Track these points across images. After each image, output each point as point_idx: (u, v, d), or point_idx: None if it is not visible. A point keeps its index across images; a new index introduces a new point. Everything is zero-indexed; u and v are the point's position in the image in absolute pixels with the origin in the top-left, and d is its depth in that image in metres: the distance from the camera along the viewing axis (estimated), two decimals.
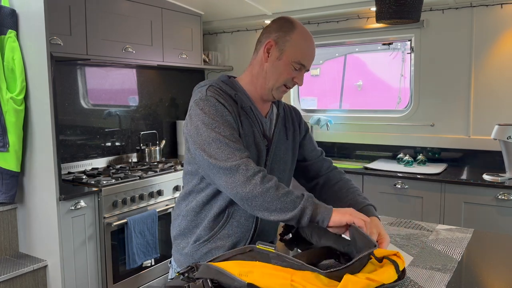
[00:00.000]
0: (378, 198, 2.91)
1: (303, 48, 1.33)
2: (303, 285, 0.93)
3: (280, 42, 1.32)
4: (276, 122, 1.43)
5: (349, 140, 3.61)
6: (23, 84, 2.44)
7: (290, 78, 1.35)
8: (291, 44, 1.32)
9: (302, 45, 1.33)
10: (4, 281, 2.32)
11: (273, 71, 1.34)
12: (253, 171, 1.16)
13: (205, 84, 1.36)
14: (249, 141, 1.31)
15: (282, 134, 1.43)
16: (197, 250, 1.35)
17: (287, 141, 1.45)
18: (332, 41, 3.61)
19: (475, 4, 2.96)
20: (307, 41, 1.34)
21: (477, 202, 2.58)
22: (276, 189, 1.14)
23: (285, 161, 1.44)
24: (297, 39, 1.32)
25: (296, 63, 1.32)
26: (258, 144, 1.34)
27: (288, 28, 1.33)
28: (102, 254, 2.63)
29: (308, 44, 1.34)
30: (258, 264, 1.02)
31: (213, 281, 1.00)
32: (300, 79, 1.37)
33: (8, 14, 2.41)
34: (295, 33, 1.32)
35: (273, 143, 1.39)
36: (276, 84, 1.34)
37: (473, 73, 3.04)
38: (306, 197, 1.14)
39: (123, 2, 3.00)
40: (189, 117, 1.29)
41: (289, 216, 1.13)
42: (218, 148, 1.20)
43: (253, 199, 1.15)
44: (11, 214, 2.61)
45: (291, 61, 1.32)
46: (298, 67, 1.33)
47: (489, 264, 1.28)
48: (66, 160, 3.02)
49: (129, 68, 3.48)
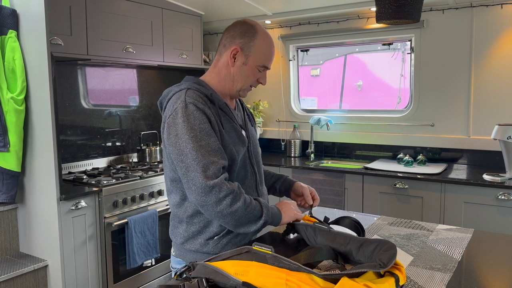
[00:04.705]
0: (378, 198, 2.92)
1: (266, 52, 1.43)
2: (298, 284, 0.94)
3: (245, 48, 1.41)
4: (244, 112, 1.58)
5: (349, 140, 3.61)
6: (24, 84, 2.45)
7: (255, 79, 1.47)
8: (255, 49, 1.42)
9: (265, 49, 1.43)
10: (5, 281, 2.32)
11: (240, 75, 1.44)
12: (225, 194, 1.27)
13: (180, 88, 1.39)
14: (233, 136, 1.42)
15: (249, 123, 1.59)
16: (217, 244, 1.41)
17: (252, 128, 1.61)
18: (332, 41, 3.61)
19: (475, 4, 2.97)
20: (269, 44, 1.45)
21: (477, 202, 2.59)
22: (244, 209, 1.29)
23: (257, 144, 1.61)
24: (260, 44, 1.42)
25: (261, 66, 1.44)
26: (241, 135, 1.45)
27: (252, 34, 1.42)
28: (103, 254, 2.64)
29: (270, 47, 1.45)
30: (254, 264, 1.03)
31: (209, 281, 1.00)
32: (264, 79, 1.49)
33: (8, 14, 2.41)
34: (258, 39, 1.42)
35: (248, 131, 1.53)
36: (244, 86, 1.46)
37: (473, 73, 3.04)
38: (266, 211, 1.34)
39: (124, 2, 3.00)
40: (167, 125, 1.33)
41: (253, 229, 1.34)
42: (194, 159, 1.27)
43: (222, 217, 1.29)
44: (11, 214, 2.61)
45: (256, 65, 1.43)
46: (262, 69, 1.45)
47: (489, 264, 1.28)
48: (67, 160, 3.03)
49: (130, 68, 3.48)
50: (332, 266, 1.22)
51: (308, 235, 1.36)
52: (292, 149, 3.76)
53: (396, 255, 1.03)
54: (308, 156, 3.67)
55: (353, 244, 1.18)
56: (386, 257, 1.01)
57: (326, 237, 1.27)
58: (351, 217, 1.47)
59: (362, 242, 1.16)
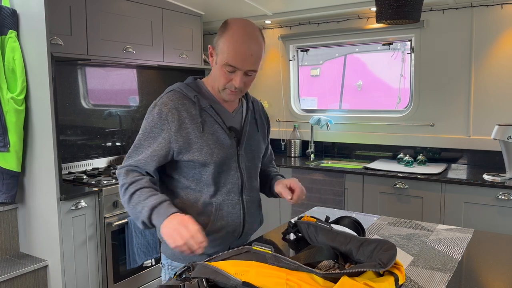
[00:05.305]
0: (378, 198, 2.92)
1: (230, 50, 1.28)
2: (298, 284, 0.94)
3: (216, 46, 1.34)
4: (246, 115, 1.49)
5: (349, 140, 3.61)
6: (24, 84, 2.45)
7: (228, 81, 1.33)
8: (221, 47, 1.31)
9: (230, 47, 1.28)
10: (5, 281, 2.32)
11: (215, 75, 1.37)
12: (121, 183, 1.34)
13: (168, 90, 1.42)
14: (213, 137, 1.37)
15: (253, 126, 1.51)
16: None
17: (258, 133, 1.53)
18: (332, 41, 3.61)
19: (475, 4, 2.97)
20: (237, 42, 1.28)
21: (477, 202, 2.58)
22: (128, 202, 1.31)
23: (256, 151, 1.51)
24: (225, 42, 1.30)
25: (226, 65, 1.30)
26: (223, 138, 1.39)
27: (221, 31, 1.33)
28: (103, 254, 2.64)
29: (238, 45, 1.28)
30: (254, 263, 1.03)
31: (209, 281, 1.00)
32: (237, 80, 1.32)
33: (8, 14, 2.41)
34: (225, 36, 1.30)
35: (243, 135, 1.45)
36: (220, 87, 1.36)
37: (473, 73, 3.04)
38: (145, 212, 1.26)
39: (124, 2, 3.00)
40: None
41: (140, 226, 1.31)
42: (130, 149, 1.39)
43: None
44: (11, 214, 2.61)
45: (221, 64, 1.31)
46: (230, 69, 1.30)
47: (489, 264, 1.28)
48: (67, 160, 3.02)
49: (130, 68, 3.48)
50: (332, 266, 1.22)
51: (310, 234, 1.36)
52: (292, 149, 3.76)
53: (396, 255, 1.03)
54: (308, 156, 3.67)
55: (354, 244, 1.18)
56: (386, 257, 1.02)
57: (327, 236, 1.27)
58: (351, 217, 1.47)
59: (362, 241, 1.16)
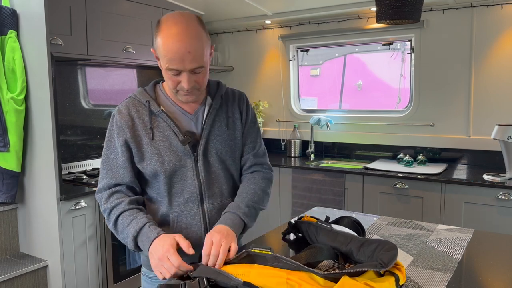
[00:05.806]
0: (378, 198, 2.92)
1: (166, 53, 1.18)
2: (299, 283, 0.94)
3: (156, 49, 1.23)
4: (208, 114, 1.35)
5: (349, 140, 3.61)
6: (24, 84, 2.45)
7: (177, 83, 1.24)
8: (159, 51, 1.20)
9: (165, 49, 1.18)
10: (5, 281, 2.32)
11: (165, 78, 1.28)
12: (102, 209, 1.33)
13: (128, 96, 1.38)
14: (165, 145, 1.30)
15: (219, 125, 1.36)
16: None
17: (228, 131, 1.37)
18: (332, 41, 3.61)
19: (475, 4, 2.97)
20: (171, 42, 1.17)
21: (477, 202, 2.58)
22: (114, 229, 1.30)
23: (224, 152, 1.36)
24: (160, 44, 1.19)
25: (168, 69, 1.20)
26: (176, 145, 1.30)
27: (156, 32, 1.21)
28: (103, 254, 2.63)
29: (172, 46, 1.17)
30: (255, 265, 1.04)
31: (210, 280, 1.01)
32: (185, 82, 1.21)
33: (8, 14, 2.41)
34: (159, 37, 1.20)
35: (202, 137, 1.32)
36: (173, 90, 1.27)
37: (473, 73, 3.04)
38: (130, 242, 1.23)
39: (124, 2, 3.00)
40: None
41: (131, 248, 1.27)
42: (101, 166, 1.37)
43: None
44: (11, 214, 2.61)
45: (165, 68, 1.21)
46: (174, 72, 1.21)
47: (489, 264, 1.28)
48: (67, 160, 3.02)
49: (130, 68, 3.48)
50: (332, 266, 1.22)
51: (310, 234, 1.36)
52: (292, 149, 3.76)
53: (397, 255, 1.03)
54: (308, 156, 3.67)
55: (354, 244, 1.18)
56: (387, 257, 1.02)
57: (327, 236, 1.27)
58: (351, 217, 1.47)
59: (363, 242, 1.16)
